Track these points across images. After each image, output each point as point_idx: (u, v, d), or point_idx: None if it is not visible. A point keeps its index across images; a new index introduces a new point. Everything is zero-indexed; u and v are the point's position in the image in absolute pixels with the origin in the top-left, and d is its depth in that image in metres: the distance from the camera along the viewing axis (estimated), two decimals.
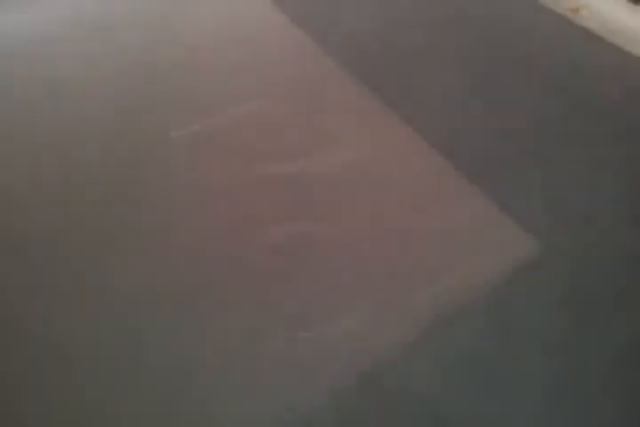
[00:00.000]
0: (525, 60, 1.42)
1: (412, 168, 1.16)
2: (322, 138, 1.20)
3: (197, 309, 0.92)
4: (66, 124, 1.23)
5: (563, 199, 1.11)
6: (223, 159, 1.15)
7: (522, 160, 1.18)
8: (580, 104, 1.31)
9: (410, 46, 1.45)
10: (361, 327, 0.90)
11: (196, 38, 1.46)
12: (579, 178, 1.15)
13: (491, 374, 0.87)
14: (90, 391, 0.84)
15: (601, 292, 0.97)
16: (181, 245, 1.01)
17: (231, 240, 1.02)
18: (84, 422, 0.81)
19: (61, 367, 0.86)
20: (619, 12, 1.51)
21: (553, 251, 1.01)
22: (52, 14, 1.54)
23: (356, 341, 0.89)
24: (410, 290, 0.95)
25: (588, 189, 1.13)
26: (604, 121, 1.27)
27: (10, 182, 1.12)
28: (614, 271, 1.00)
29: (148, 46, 1.43)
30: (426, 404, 0.83)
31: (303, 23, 1.49)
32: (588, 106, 1.31)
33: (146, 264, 0.99)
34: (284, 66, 1.38)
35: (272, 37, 1.47)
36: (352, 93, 1.31)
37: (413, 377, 0.86)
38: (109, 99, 1.29)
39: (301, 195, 1.09)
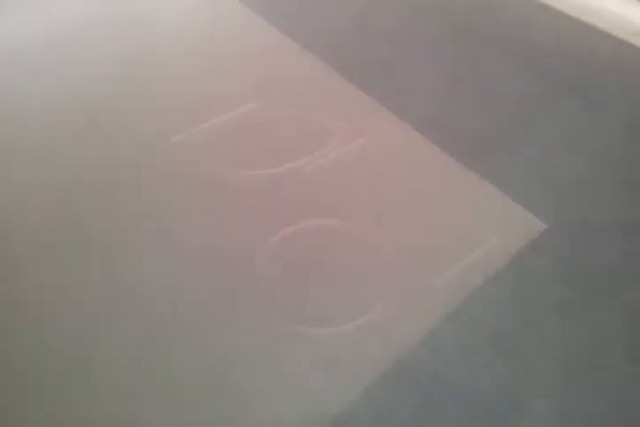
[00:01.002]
0: (501, 41, 1.44)
1: (409, 157, 1.17)
2: (318, 135, 1.20)
3: (215, 313, 0.92)
4: (65, 130, 1.22)
5: (557, 175, 1.13)
6: (224, 162, 1.15)
7: (513, 142, 1.20)
8: (560, 82, 1.34)
9: (386, 35, 1.47)
10: (384, 320, 0.91)
11: (182, 44, 1.47)
12: (570, 152, 1.18)
13: (514, 348, 0.88)
14: (110, 391, 0.84)
15: (601, 262, 0.99)
16: (191, 250, 1.01)
17: (242, 243, 1.01)
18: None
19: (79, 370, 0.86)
20: None
21: (553, 227, 1.04)
22: (47, 18, 1.53)
23: (381, 334, 0.89)
24: (425, 278, 0.96)
25: (582, 163, 1.16)
26: (586, 94, 1.30)
27: (9, 188, 1.12)
28: (613, 242, 1.03)
29: (131, 54, 1.43)
30: (459, 390, 0.84)
31: (277, 21, 1.49)
32: (566, 82, 1.34)
33: (155, 270, 0.98)
34: (270, 66, 1.38)
35: (253, 39, 1.47)
36: (342, 90, 1.31)
37: (441, 364, 0.87)
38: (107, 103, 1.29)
39: (307, 192, 1.10)
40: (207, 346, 0.89)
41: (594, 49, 1.42)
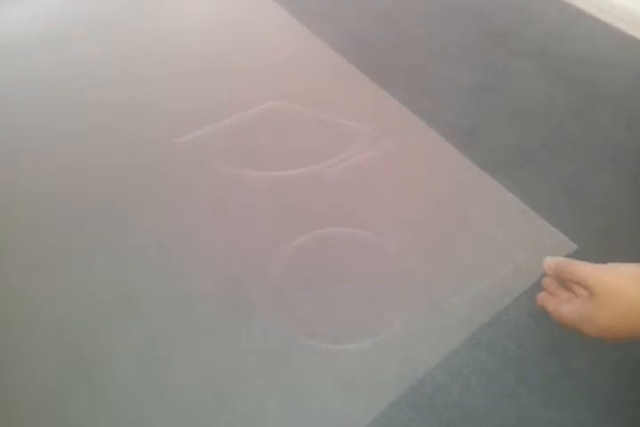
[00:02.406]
0: (535, 51, 1.39)
1: (435, 166, 1.11)
2: (340, 138, 1.15)
3: (224, 323, 0.87)
4: (63, 130, 1.17)
5: (591, 193, 1.08)
6: (238, 162, 1.10)
7: (544, 155, 1.15)
8: (593, 94, 1.29)
9: (415, 38, 1.42)
10: (402, 339, 0.86)
11: (194, 40, 1.41)
12: (607, 170, 1.12)
13: (538, 377, 0.83)
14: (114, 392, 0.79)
15: None
16: (201, 256, 0.96)
17: (255, 250, 0.96)
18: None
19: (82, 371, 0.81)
20: None
21: (584, 249, 0.98)
22: (43, 13, 1.47)
23: (398, 354, 0.84)
24: (447, 295, 0.91)
25: (619, 182, 1.11)
26: (617, 110, 1.25)
27: (6, 189, 1.07)
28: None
29: (144, 50, 1.38)
30: (479, 418, 0.79)
31: (305, 19, 1.44)
32: (599, 95, 1.29)
33: (161, 276, 0.93)
34: (289, 66, 1.33)
35: (277, 36, 1.42)
36: (367, 92, 1.26)
37: (460, 390, 0.82)
38: (108, 103, 1.23)
39: (325, 198, 1.04)
40: (213, 358, 0.84)
41: (632, 60, 1.37)
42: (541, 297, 0.67)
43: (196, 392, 0.80)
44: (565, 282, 0.66)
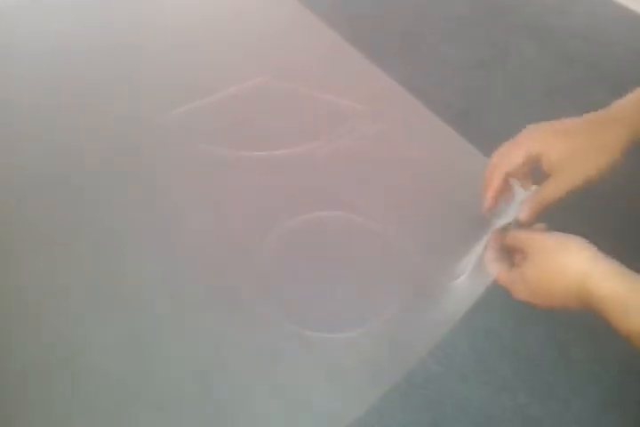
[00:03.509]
0: (535, 26, 1.34)
1: (431, 146, 1.07)
2: (333, 117, 1.09)
3: (212, 311, 0.83)
4: (43, 110, 1.11)
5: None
6: (224, 141, 1.04)
7: None
8: (592, 72, 1.24)
9: (413, 12, 1.36)
10: (393, 327, 0.82)
11: (184, 15, 1.35)
12: None
13: (536, 368, 0.80)
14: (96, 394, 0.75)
15: None
16: (185, 242, 0.91)
17: (241, 235, 0.91)
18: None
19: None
20: None
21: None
22: None
23: (389, 343, 0.81)
24: (441, 281, 0.87)
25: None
26: (616, 89, 1.21)
27: None
28: None
29: (131, 24, 1.31)
30: (475, 410, 0.76)
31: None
32: (599, 73, 1.24)
33: (146, 262, 0.89)
34: (280, 41, 1.27)
35: (270, 10, 1.36)
36: (361, 70, 1.21)
37: (455, 380, 0.79)
38: (90, 81, 1.17)
39: (316, 179, 1.00)
40: (199, 347, 0.80)
41: (633, 37, 1.33)
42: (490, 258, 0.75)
43: (181, 382, 0.77)
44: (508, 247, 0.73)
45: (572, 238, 0.63)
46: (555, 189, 0.73)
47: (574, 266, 0.59)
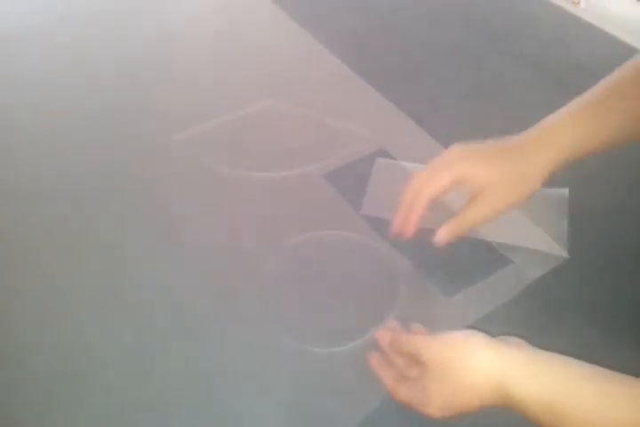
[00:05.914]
0: (533, 56, 1.38)
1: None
2: (334, 140, 1.13)
3: (213, 326, 0.85)
4: (61, 127, 1.17)
5: (587, 202, 1.04)
6: (229, 162, 1.08)
7: None
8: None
9: (414, 40, 1.41)
10: None
11: (194, 35, 1.42)
12: (603, 182, 1.09)
13: None
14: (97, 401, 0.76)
15: (622, 300, 0.90)
16: (191, 256, 0.94)
17: (245, 251, 0.94)
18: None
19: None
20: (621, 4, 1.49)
21: (576, 259, 0.95)
22: (36, 6, 1.48)
23: None
24: (440, 295, 0.88)
25: (616, 193, 1.07)
26: None
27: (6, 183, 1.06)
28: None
29: (144, 42, 1.38)
30: (471, 418, 0.77)
31: (303, 20, 1.44)
32: None
33: (153, 274, 0.91)
34: (288, 65, 1.33)
35: (275, 36, 1.42)
36: (362, 95, 1.25)
37: None
38: (106, 100, 1.22)
39: (316, 200, 1.03)
40: (199, 358, 0.82)
41: None
42: (376, 363, 0.68)
43: (182, 391, 0.78)
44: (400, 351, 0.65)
45: (471, 340, 0.57)
46: (475, 214, 0.73)
47: (484, 375, 0.54)
